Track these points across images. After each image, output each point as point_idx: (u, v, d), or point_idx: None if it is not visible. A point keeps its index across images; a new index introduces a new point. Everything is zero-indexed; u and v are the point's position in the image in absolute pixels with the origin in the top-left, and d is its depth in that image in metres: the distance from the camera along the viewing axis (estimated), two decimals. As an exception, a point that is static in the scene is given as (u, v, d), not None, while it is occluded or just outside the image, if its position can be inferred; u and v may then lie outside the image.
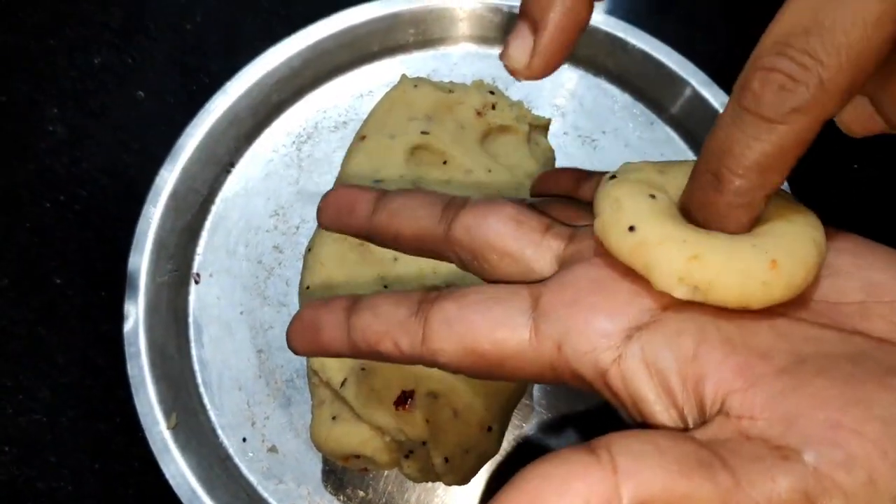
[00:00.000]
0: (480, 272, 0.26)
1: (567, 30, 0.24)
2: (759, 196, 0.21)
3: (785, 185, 0.51)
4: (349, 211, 0.29)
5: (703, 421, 0.20)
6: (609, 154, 0.54)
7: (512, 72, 0.25)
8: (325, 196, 0.30)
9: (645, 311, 0.22)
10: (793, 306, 0.22)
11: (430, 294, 0.24)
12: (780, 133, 0.20)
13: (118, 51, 0.59)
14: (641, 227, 0.22)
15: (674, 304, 0.22)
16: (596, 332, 0.22)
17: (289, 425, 0.48)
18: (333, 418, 0.43)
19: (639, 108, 0.55)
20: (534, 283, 0.24)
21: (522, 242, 0.25)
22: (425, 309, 0.24)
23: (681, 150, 0.55)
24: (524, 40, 0.24)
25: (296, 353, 0.27)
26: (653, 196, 0.23)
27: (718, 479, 0.18)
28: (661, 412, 0.21)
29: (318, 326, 0.25)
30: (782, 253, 0.22)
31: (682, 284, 0.21)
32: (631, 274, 0.23)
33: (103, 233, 0.54)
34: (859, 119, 0.27)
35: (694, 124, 0.54)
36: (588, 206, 0.26)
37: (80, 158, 0.56)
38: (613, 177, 0.25)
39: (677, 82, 0.53)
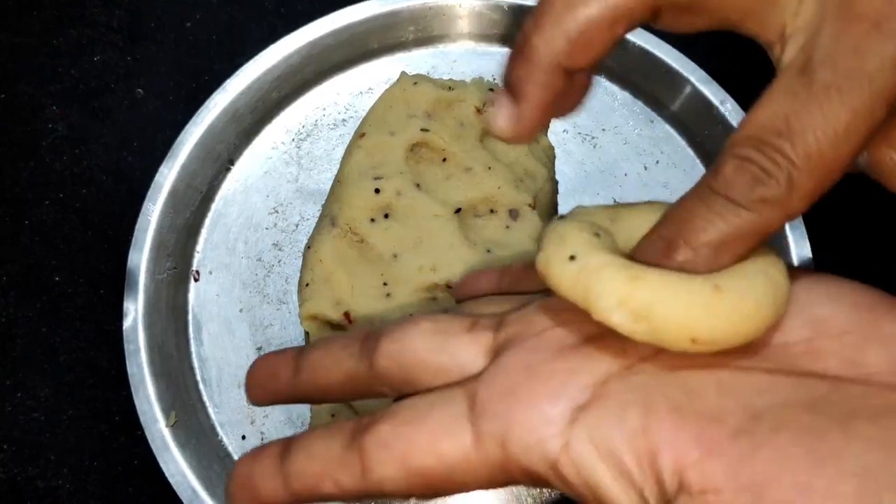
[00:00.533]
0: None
1: (544, 101, 0.24)
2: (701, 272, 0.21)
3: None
4: (272, 379, 0.27)
5: (667, 501, 0.19)
6: (608, 152, 0.54)
7: (498, 137, 0.25)
8: (249, 372, 0.28)
9: (585, 389, 0.21)
10: (737, 355, 0.21)
11: (362, 421, 0.23)
12: (744, 217, 0.20)
13: (119, 50, 0.59)
14: (582, 256, 0.21)
15: (613, 375, 0.21)
16: (538, 421, 0.20)
17: (288, 423, 0.48)
18: (332, 416, 0.43)
19: (638, 106, 0.55)
20: (467, 381, 0.22)
21: (449, 349, 0.23)
22: (359, 437, 0.22)
23: (680, 147, 0.54)
24: (506, 109, 0.25)
25: None
26: (597, 234, 0.23)
27: None
28: (619, 496, 0.20)
29: (254, 483, 0.23)
30: (728, 281, 0.20)
31: (621, 309, 0.20)
32: (566, 351, 0.22)
33: (104, 231, 0.54)
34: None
35: (693, 122, 0.54)
36: (514, 296, 0.26)
37: (81, 157, 0.56)
38: (562, 217, 0.24)
39: (677, 80, 0.53)
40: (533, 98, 0.24)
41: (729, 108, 0.52)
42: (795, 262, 0.49)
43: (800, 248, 0.50)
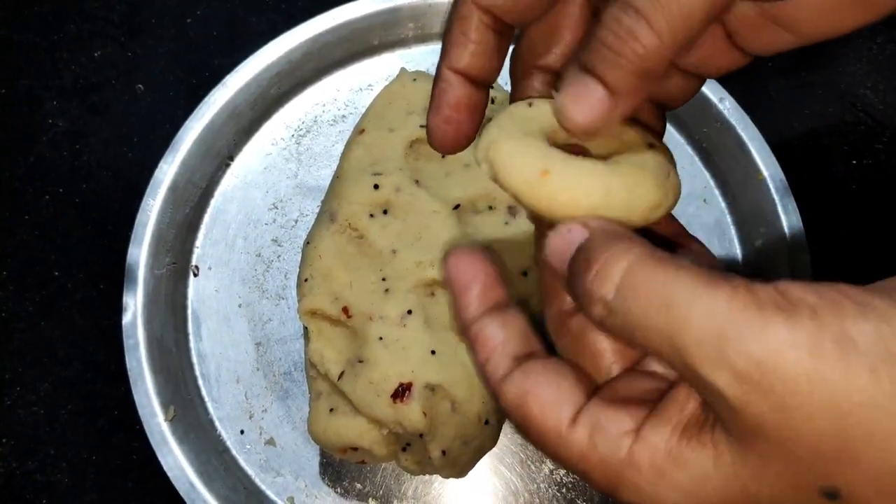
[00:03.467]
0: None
1: (640, 99, 0.24)
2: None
3: (782, 178, 0.51)
4: None
5: None
6: (608, 149, 0.54)
7: (570, 129, 0.24)
8: None
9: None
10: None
11: None
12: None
13: (119, 45, 0.59)
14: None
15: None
16: None
17: (286, 418, 0.48)
18: (331, 410, 0.43)
19: (638, 103, 0.55)
20: None
21: None
22: None
23: (679, 144, 0.54)
24: (591, 99, 0.23)
25: None
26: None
27: None
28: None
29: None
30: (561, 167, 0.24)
31: (483, 161, 0.25)
32: None
33: (103, 226, 0.54)
34: (759, 37, 0.26)
35: (692, 119, 0.54)
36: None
37: (80, 152, 0.56)
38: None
39: (677, 77, 0.53)
40: (635, 96, 0.23)
41: (727, 106, 0.52)
42: (790, 271, 0.49)
43: (799, 254, 0.50)
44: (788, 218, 0.50)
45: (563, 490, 0.47)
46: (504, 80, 0.30)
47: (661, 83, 0.28)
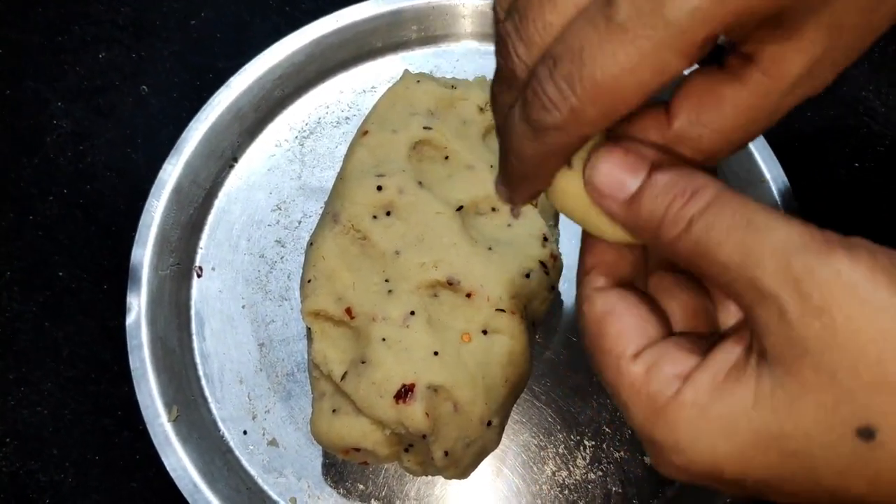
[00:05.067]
0: None
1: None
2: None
3: (785, 181, 0.51)
4: None
5: None
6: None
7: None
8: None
9: None
10: None
11: None
12: (539, 142, 0.23)
13: (125, 47, 0.59)
14: None
15: None
16: None
17: (289, 418, 0.49)
18: (334, 411, 0.43)
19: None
20: None
21: None
22: None
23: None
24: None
25: None
26: None
27: None
28: None
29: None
30: None
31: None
32: None
33: (108, 227, 0.54)
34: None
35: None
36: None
37: (85, 153, 0.56)
38: None
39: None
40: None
41: (730, 109, 0.52)
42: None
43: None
44: (791, 220, 0.50)
45: (566, 491, 0.47)
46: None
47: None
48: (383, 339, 0.41)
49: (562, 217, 0.48)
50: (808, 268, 0.20)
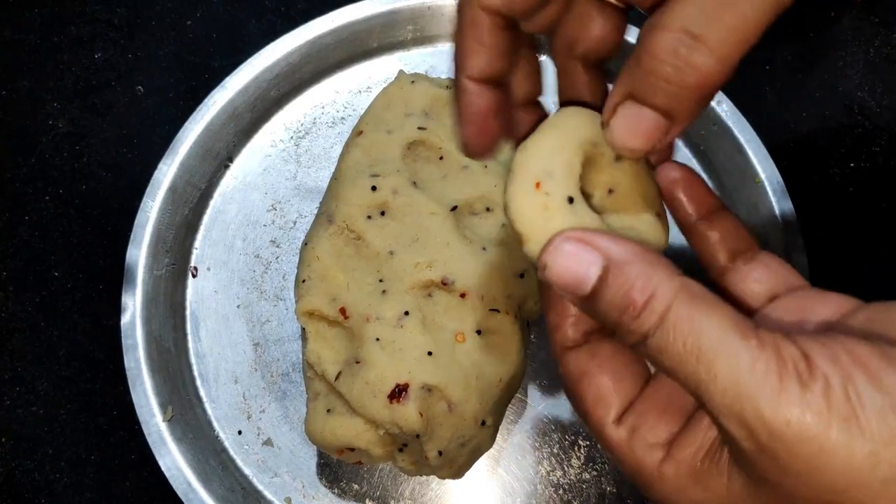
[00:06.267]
0: None
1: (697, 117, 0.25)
2: None
3: (779, 181, 0.51)
4: None
5: None
6: (606, 151, 0.54)
7: (625, 154, 0.25)
8: None
9: None
10: None
11: None
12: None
13: (120, 47, 0.59)
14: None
15: None
16: None
17: (284, 418, 0.49)
18: (328, 411, 0.43)
19: (636, 106, 0.56)
20: None
21: None
22: None
23: (676, 147, 0.54)
24: (647, 127, 0.24)
25: None
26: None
27: None
28: None
29: None
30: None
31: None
32: None
33: (103, 227, 0.54)
34: None
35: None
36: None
37: (80, 153, 0.56)
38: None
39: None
40: (689, 119, 0.24)
41: (725, 109, 0.52)
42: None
43: (797, 257, 0.50)
44: (786, 221, 0.50)
45: (560, 491, 0.47)
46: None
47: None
48: (377, 340, 0.41)
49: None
50: (758, 415, 0.20)
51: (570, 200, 0.25)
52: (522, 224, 0.25)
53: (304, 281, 0.45)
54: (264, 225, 0.53)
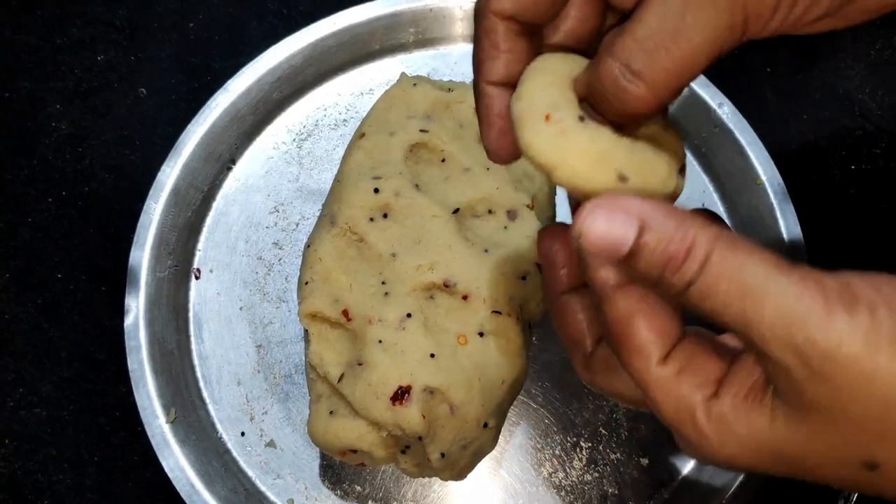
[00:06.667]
0: None
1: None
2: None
3: (780, 183, 0.51)
4: None
5: None
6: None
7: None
8: None
9: None
10: None
11: None
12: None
13: (122, 48, 0.59)
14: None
15: None
16: None
17: (287, 420, 0.49)
18: (331, 413, 0.43)
19: (637, 108, 0.56)
20: None
21: None
22: None
23: (679, 150, 0.55)
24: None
25: None
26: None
27: None
28: None
29: None
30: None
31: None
32: None
33: (105, 228, 0.54)
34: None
35: (691, 124, 0.54)
36: None
37: (83, 155, 0.56)
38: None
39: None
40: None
41: (726, 111, 0.52)
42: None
43: (798, 259, 0.50)
44: (787, 223, 0.50)
45: (562, 493, 0.47)
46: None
47: None
48: (380, 342, 0.41)
49: (559, 218, 0.48)
50: (809, 340, 0.21)
51: (582, 119, 0.26)
52: (547, 156, 0.25)
53: (306, 283, 0.45)
54: (267, 227, 0.53)
